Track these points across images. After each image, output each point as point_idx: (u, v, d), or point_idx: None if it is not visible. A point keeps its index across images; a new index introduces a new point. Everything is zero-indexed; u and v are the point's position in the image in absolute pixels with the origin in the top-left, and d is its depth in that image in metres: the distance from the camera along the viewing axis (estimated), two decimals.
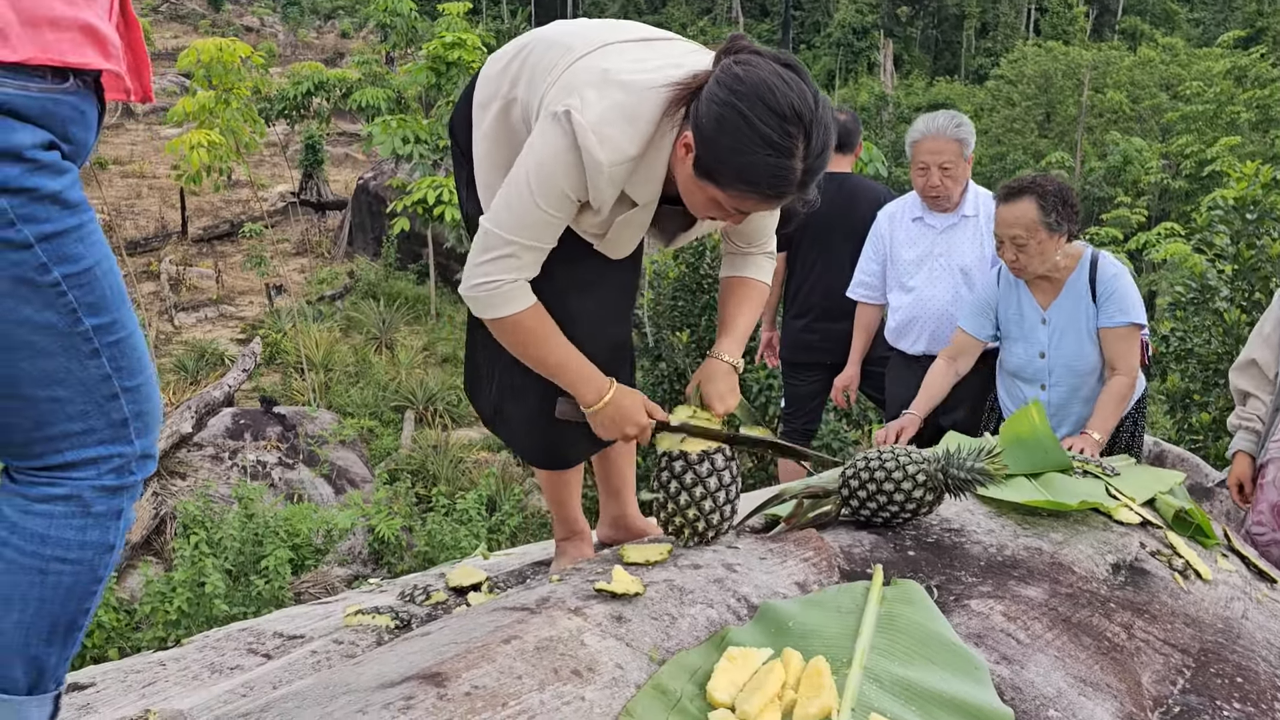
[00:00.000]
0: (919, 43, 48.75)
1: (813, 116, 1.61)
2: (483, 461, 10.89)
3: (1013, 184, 3.05)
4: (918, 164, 3.62)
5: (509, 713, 1.24)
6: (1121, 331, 3.04)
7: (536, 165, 1.73)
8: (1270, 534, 2.77)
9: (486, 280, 1.78)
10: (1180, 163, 24.14)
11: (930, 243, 3.70)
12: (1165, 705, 1.65)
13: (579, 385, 1.88)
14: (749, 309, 2.06)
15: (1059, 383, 3.15)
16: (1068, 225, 3.00)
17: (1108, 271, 3.06)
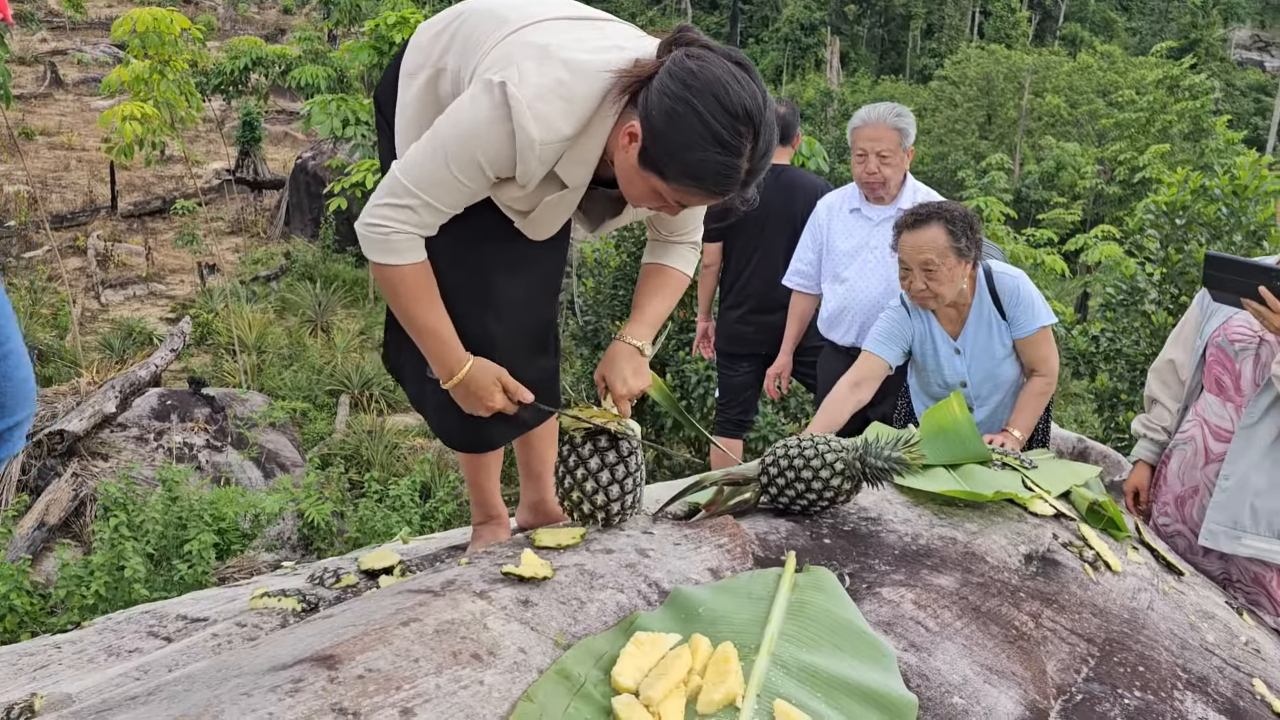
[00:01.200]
0: (865, 41, 49.22)
1: (762, 118, 1.61)
2: (418, 448, 10.76)
3: (919, 210, 3.01)
4: (857, 150, 3.64)
5: (402, 696, 1.21)
6: (1036, 337, 3.08)
7: (456, 130, 1.68)
8: (1174, 524, 2.83)
9: (379, 223, 1.75)
10: (1114, 168, 24.73)
11: (866, 234, 3.71)
12: (1068, 693, 1.67)
13: (438, 356, 1.88)
14: (663, 296, 2.04)
15: (984, 401, 3.20)
16: (974, 252, 3.00)
17: (1006, 284, 3.07)
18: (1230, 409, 2.67)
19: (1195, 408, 2.80)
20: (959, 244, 2.94)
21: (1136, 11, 50.14)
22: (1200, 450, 2.72)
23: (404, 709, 1.20)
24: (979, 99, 31.98)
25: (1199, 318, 2.84)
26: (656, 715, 1.31)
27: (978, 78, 32.21)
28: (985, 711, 1.53)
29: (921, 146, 29.57)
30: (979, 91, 32.04)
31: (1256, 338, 2.60)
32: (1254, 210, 6.81)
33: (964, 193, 22.00)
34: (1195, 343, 2.83)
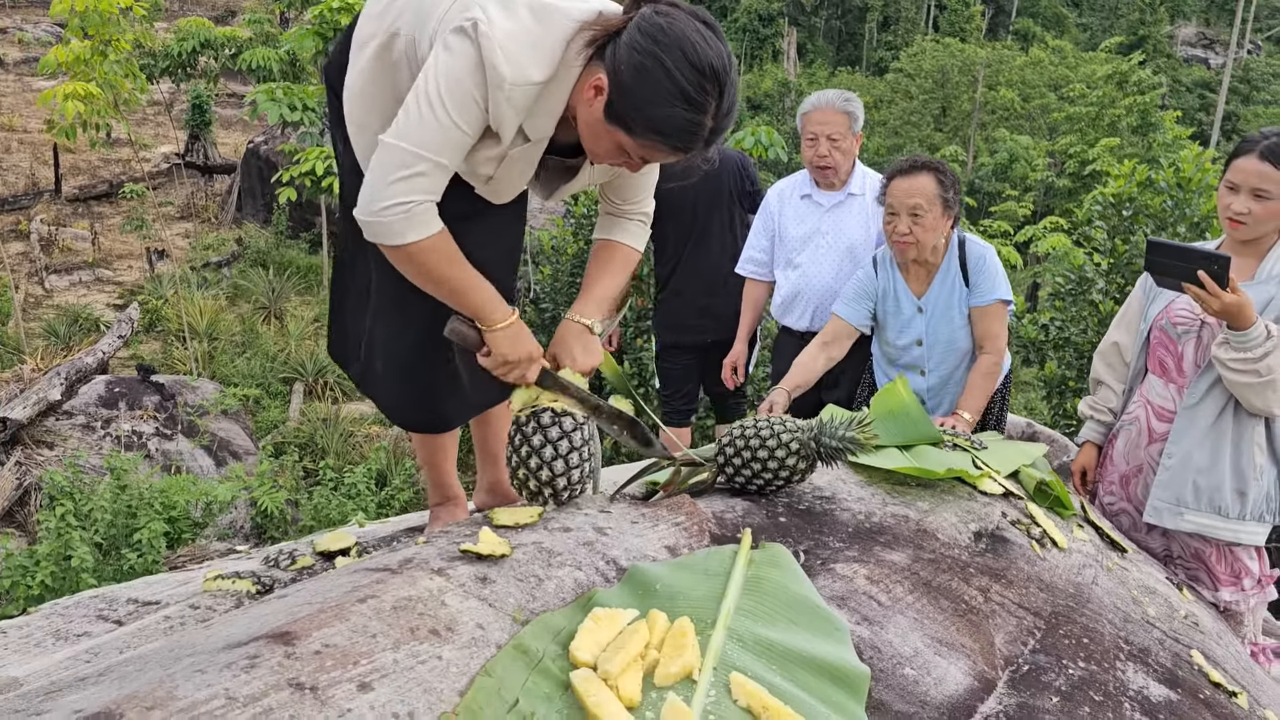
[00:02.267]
0: (823, 33, 49.47)
1: (727, 76, 1.62)
2: (374, 436, 10.67)
3: (913, 159, 3.13)
4: (807, 135, 3.67)
5: (360, 671, 1.21)
6: (991, 309, 3.13)
7: (446, 75, 1.64)
8: (1119, 503, 2.91)
9: (399, 202, 1.67)
10: (1065, 161, 25.13)
11: (818, 220, 3.75)
12: (1016, 664, 1.71)
13: (487, 306, 1.81)
14: (612, 273, 2.04)
15: (937, 368, 3.24)
16: (956, 208, 3.10)
17: (975, 251, 3.16)
18: (1173, 390, 2.75)
19: (1139, 389, 2.87)
20: (946, 194, 3.06)
21: (1087, 7, 50.95)
22: (1144, 430, 2.79)
23: (361, 683, 1.20)
24: (934, 92, 32.31)
25: (1142, 301, 2.91)
26: (614, 688, 1.32)
27: (933, 70, 32.54)
28: (936, 682, 1.56)
29: (877, 138, 29.84)
30: (934, 84, 32.37)
31: (1198, 320, 2.67)
32: (1197, 203, 6.98)
33: None
34: (1139, 326, 2.90)
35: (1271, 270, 2.61)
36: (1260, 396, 2.51)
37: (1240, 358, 2.47)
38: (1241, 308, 2.42)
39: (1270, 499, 2.65)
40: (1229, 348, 2.50)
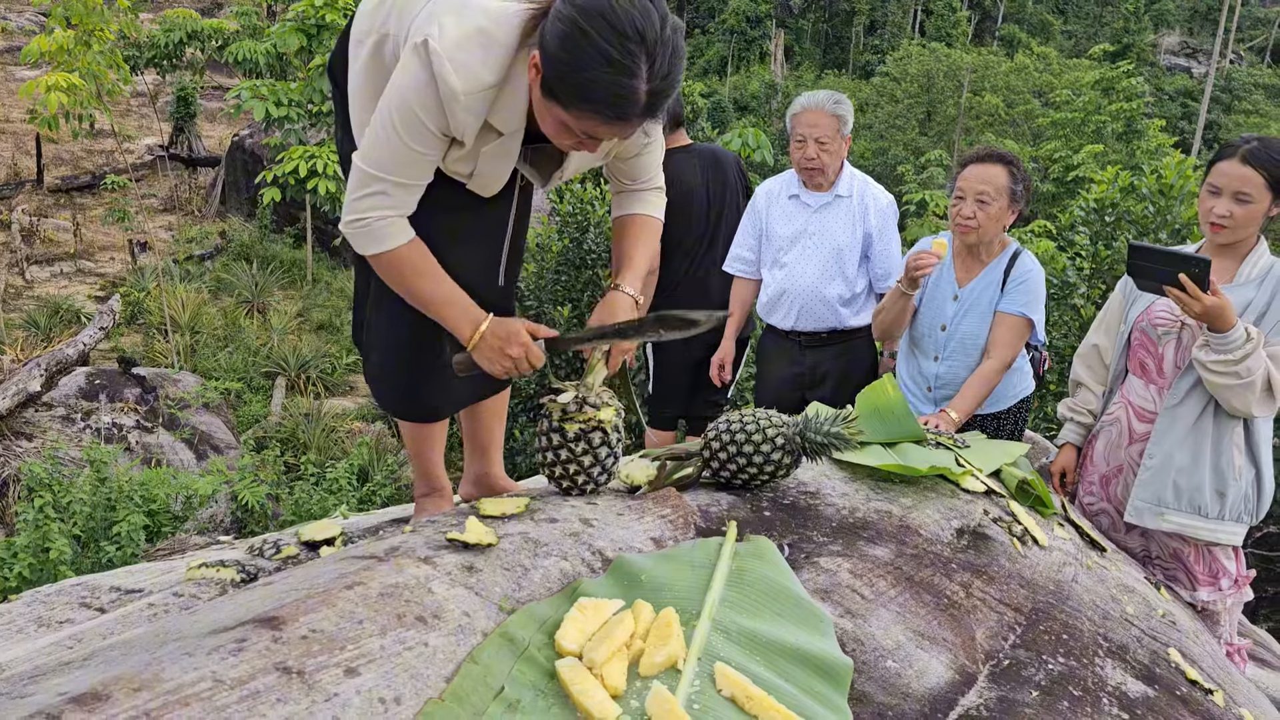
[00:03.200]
0: (810, 35, 49.61)
1: (657, 37, 1.59)
2: (356, 431, 10.64)
3: (989, 149, 3.18)
4: (795, 137, 3.67)
5: (347, 656, 1.21)
6: (1013, 320, 3.13)
7: (399, 101, 1.71)
8: (1099, 503, 2.94)
9: (358, 218, 1.78)
10: (1049, 167, 25.29)
11: (805, 220, 3.76)
12: (996, 658, 1.73)
13: (456, 320, 1.87)
14: (645, 243, 2.07)
15: (951, 357, 3.24)
16: (1022, 205, 3.13)
17: (1025, 264, 3.17)
18: (1153, 390, 2.78)
19: (1120, 390, 2.90)
20: (1015, 188, 3.09)
21: (1072, 15, 51.30)
22: (1125, 431, 2.83)
23: (348, 668, 1.20)
24: (919, 96, 32.45)
25: (1122, 304, 2.95)
26: (599, 677, 1.33)
27: (918, 75, 32.68)
28: (917, 675, 1.58)
29: (863, 141, 29.94)
30: (919, 88, 32.51)
31: (1178, 322, 2.71)
32: (1179, 209, 7.05)
33: (903, 187, 22.36)
34: (1119, 328, 2.94)
35: (1249, 273, 2.65)
36: (1240, 398, 2.54)
37: (1220, 360, 2.51)
38: (1222, 310, 2.45)
39: (1248, 499, 2.69)
40: (1209, 350, 2.53)
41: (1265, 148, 2.56)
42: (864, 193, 3.72)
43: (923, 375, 3.29)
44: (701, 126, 19.57)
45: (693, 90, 21.02)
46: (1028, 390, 3.35)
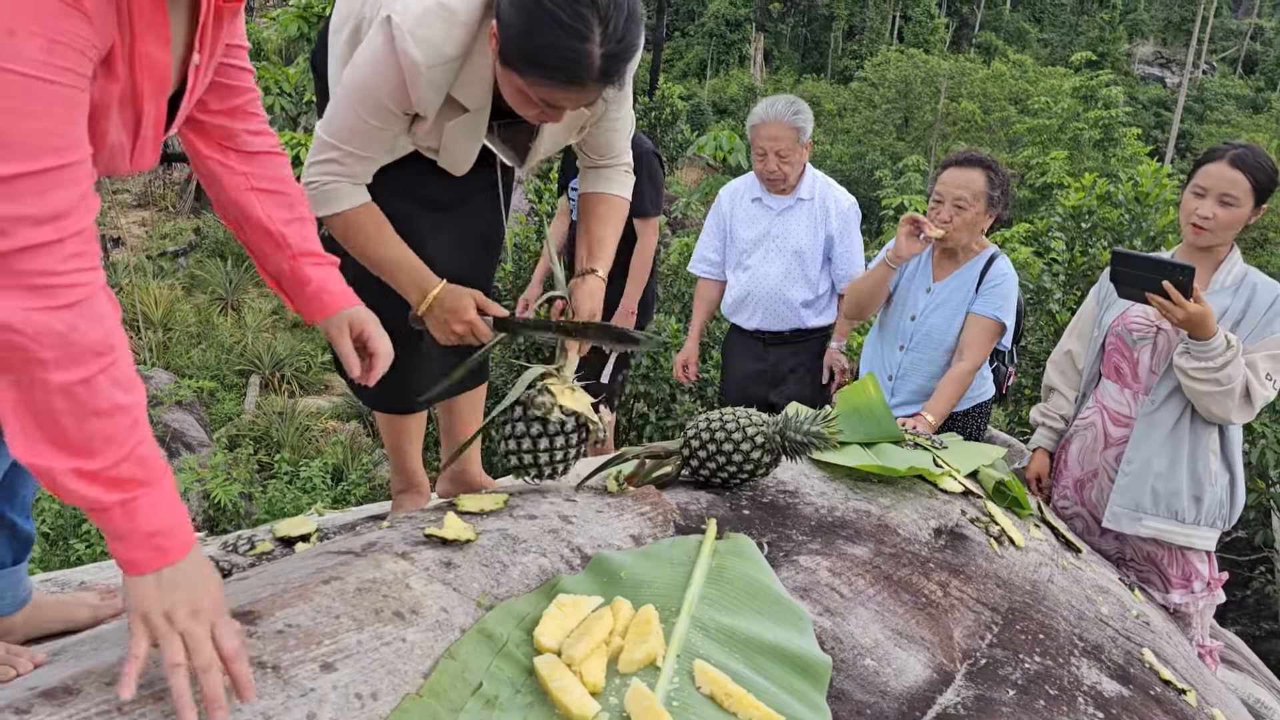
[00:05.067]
0: (789, 40, 49.81)
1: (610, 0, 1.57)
2: (330, 430, 10.57)
3: (969, 154, 3.20)
4: (756, 149, 3.68)
5: (323, 651, 1.20)
6: (986, 323, 3.15)
7: (359, 75, 1.73)
8: (1073, 507, 2.96)
9: (313, 180, 1.81)
10: (1025, 173, 25.51)
11: (768, 223, 3.78)
12: (973, 657, 1.73)
13: (406, 286, 1.87)
14: (613, 225, 2.09)
15: (916, 348, 3.26)
16: (1000, 210, 3.15)
17: (1000, 268, 3.19)
18: (1128, 395, 2.80)
19: (1094, 395, 2.93)
20: (993, 192, 3.11)
21: (1048, 23, 51.77)
22: (1100, 435, 2.85)
23: (325, 663, 1.19)
24: (897, 101, 32.63)
25: (1095, 309, 2.97)
26: (578, 674, 1.32)
27: (896, 80, 32.86)
28: (896, 673, 1.58)
29: (840, 145, 30.08)
30: (897, 94, 32.69)
31: (1154, 327, 2.73)
32: (1154, 217, 7.13)
33: (881, 191, 22.48)
34: (1093, 333, 2.96)
35: (1224, 280, 2.67)
36: (1219, 405, 2.57)
37: (1201, 367, 2.53)
38: (1204, 318, 2.47)
39: (1222, 504, 2.72)
40: (1190, 357, 2.55)
41: (1252, 153, 2.60)
42: (825, 195, 3.74)
43: (885, 363, 3.33)
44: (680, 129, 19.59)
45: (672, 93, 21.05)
46: (987, 395, 3.38)
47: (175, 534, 1.09)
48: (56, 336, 0.98)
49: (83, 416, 1.00)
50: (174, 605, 1.07)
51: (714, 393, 7.58)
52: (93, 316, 1.01)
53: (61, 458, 1.01)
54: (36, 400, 0.99)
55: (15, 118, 0.93)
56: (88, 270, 1.01)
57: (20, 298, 0.95)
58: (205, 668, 1.06)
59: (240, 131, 1.46)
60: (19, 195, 0.94)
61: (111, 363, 1.02)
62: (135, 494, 1.05)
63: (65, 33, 0.95)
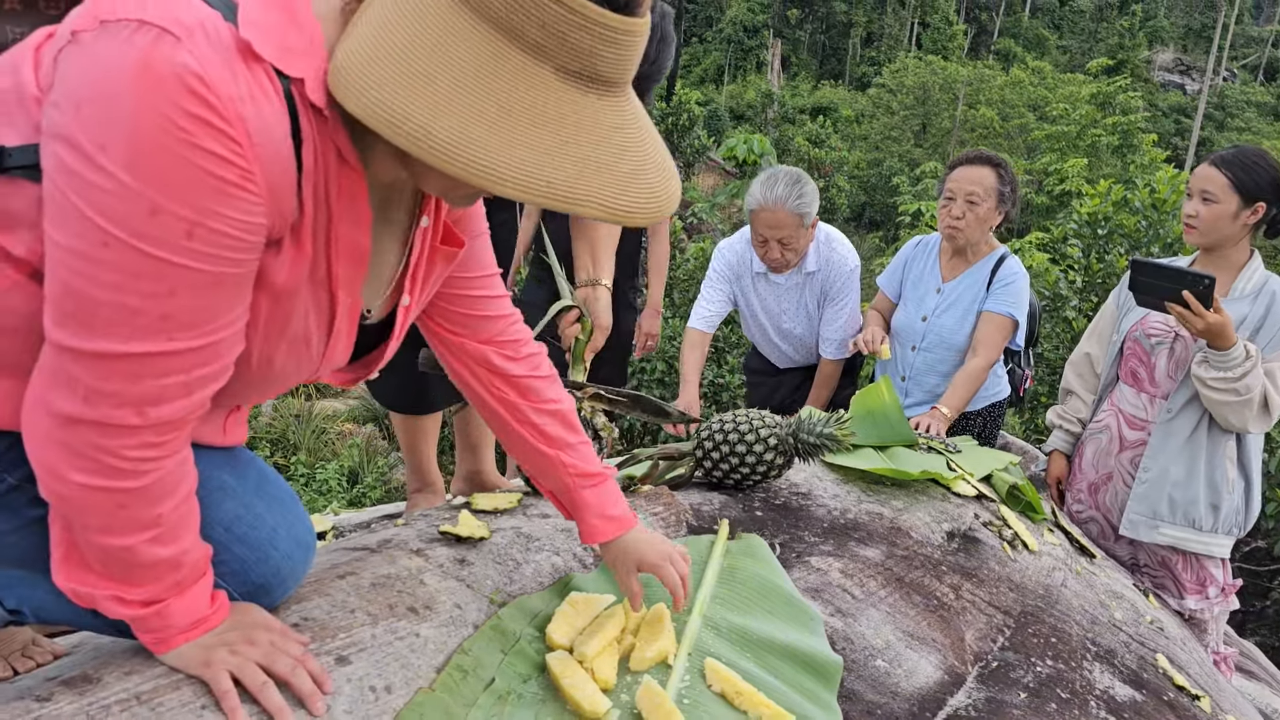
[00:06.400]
0: (807, 46, 49.79)
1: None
2: (346, 433, 10.62)
3: (979, 152, 3.21)
4: (756, 234, 3.34)
5: (338, 644, 1.21)
6: (999, 320, 3.15)
7: None
8: (1088, 511, 2.95)
9: None
10: (1043, 180, 25.41)
11: (778, 296, 3.54)
12: (985, 660, 1.74)
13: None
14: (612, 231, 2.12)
15: (928, 349, 3.27)
16: (1009, 207, 3.16)
17: (1011, 267, 3.20)
18: (1144, 399, 2.79)
19: (1110, 398, 2.92)
20: (1003, 189, 3.12)
21: (1067, 30, 51.58)
22: (1115, 438, 2.84)
23: (339, 656, 1.20)
24: (915, 108, 32.57)
25: (1115, 314, 2.97)
26: (590, 671, 1.33)
27: (914, 87, 32.80)
28: (907, 674, 1.58)
29: (858, 152, 30.03)
30: (915, 100, 32.63)
31: (1171, 333, 2.72)
32: (1171, 224, 7.09)
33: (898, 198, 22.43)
34: (1111, 337, 2.96)
35: (1244, 288, 2.66)
36: (1238, 414, 2.56)
37: (1220, 377, 2.52)
38: (1224, 327, 2.47)
39: (1239, 512, 2.71)
40: (1209, 366, 2.54)
41: (1238, 154, 2.62)
42: (829, 262, 3.44)
43: (897, 364, 3.33)
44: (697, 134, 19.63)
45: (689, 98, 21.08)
46: (1001, 395, 3.38)
47: (213, 618, 1.10)
48: (104, 513, 0.96)
49: (124, 566, 1.01)
50: (228, 643, 1.09)
51: (729, 397, 7.59)
52: (148, 499, 0.98)
53: (103, 586, 1.02)
54: (80, 543, 1.00)
55: (132, 296, 0.87)
56: (161, 459, 0.96)
57: (79, 466, 0.93)
58: (290, 670, 1.09)
59: (497, 359, 1.39)
60: (110, 373, 0.90)
61: (156, 535, 1.00)
62: (170, 601, 1.06)
63: (217, 215, 0.88)
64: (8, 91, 0.93)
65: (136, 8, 0.84)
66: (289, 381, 1.13)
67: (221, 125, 0.85)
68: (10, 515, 1.05)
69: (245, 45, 0.88)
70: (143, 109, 0.82)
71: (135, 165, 0.83)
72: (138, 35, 0.83)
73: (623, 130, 0.92)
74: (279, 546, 1.19)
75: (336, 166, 0.99)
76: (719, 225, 15.91)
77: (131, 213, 0.84)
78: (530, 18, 0.85)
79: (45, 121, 0.86)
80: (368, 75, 0.87)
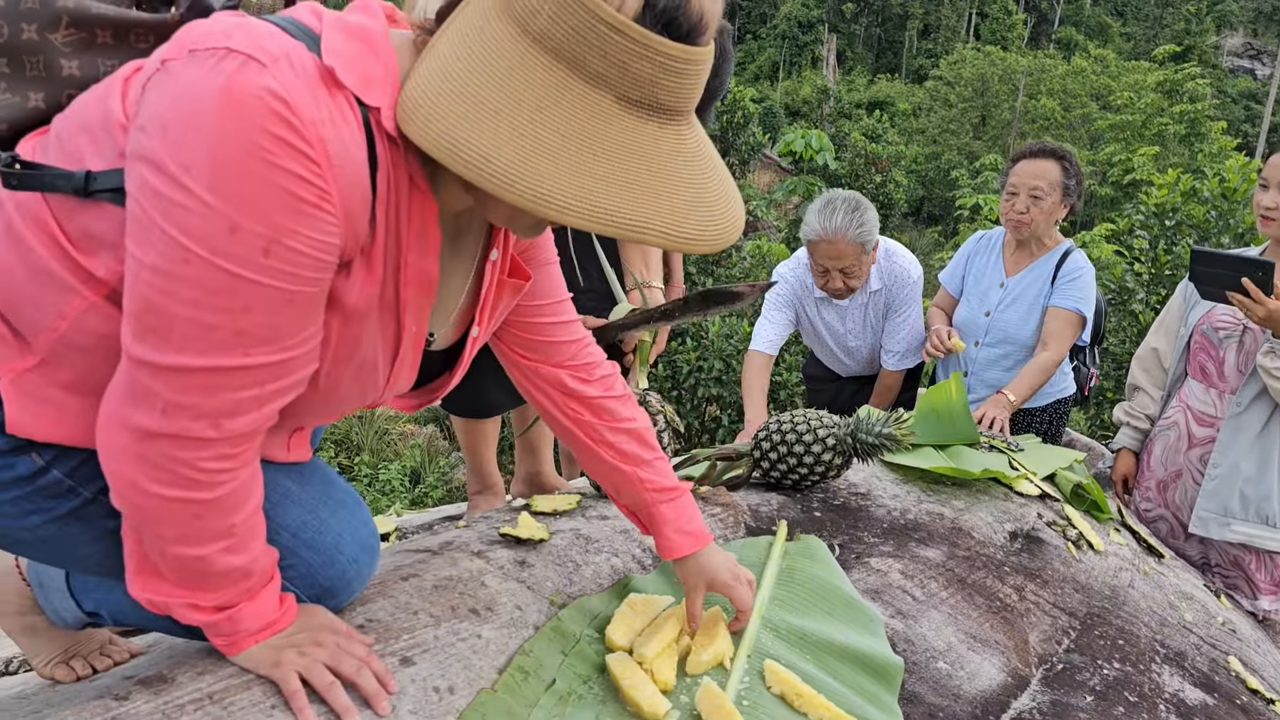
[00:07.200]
0: (862, 40, 49.31)
1: None
2: (408, 434, 10.78)
3: (1042, 145, 3.17)
4: (816, 265, 3.19)
5: (402, 645, 1.24)
6: (1067, 315, 3.09)
7: None
8: (1156, 509, 2.88)
9: None
10: (1107, 171, 24.85)
11: (841, 317, 3.46)
12: (1049, 662, 1.71)
13: None
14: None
15: (992, 344, 3.23)
16: (1074, 199, 3.11)
17: (1076, 261, 3.14)
18: (1213, 394, 2.72)
19: (1179, 394, 2.85)
20: (1068, 182, 3.08)
21: (1131, 17, 50.35)
22: (1184, 435, 2.77)
23: (403, 658, 1.22)
24: (974, 100, 32.09)
25: (1182, 307, 2.90)
26: (649, 672, 1.34)
27: (973, 79, 32.32)
28: (969, 676, 1.57)
29: (915, 146, 29.67)
30: (974, 92, 32.15)
31: (1240, 326, 2.65)
32: (1242, 213, 6.89)
33: (957, 191, 22.11)
34: (1179, 331, 2.89)
35: None
36: None
37: None
38: None
39: None
40: (1275, 356, 2.48)
41: None
42: (892, 273, 3.32)
43: (960, 359, 3.29)
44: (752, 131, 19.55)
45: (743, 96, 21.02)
46: (1067, 392, 3.31)
47: (281, 621, 1.13)
48: (180, 524, 0.99)
49: (198, 575, 1.04)
50: (296, 645, 1.12)
51: (785, 395, 7.55)
52: (223, 510, 1.00)
53: (177, 594, 1.05)
54: (153, 553, 1.03)
55: (209, 312, 0.90)
56: (235, 470, 0.99)
57: (157, 478, 0.96)
58: (355, 671, 1.12)
59: (571, 381, 1.39)
60: (187, 386, 0.92)
61: (229, 545, 1.03)
62: (242, 606, 1.09)
63: (295, 234, 0.89)
64: (96, 120, 0.97)
65: (224, 38, 0.88)
66: (352, 405, 1.15)
67: (303, 146, 0.87)
68: (87, 526, 1.10)
69: (328, 73, 0.90)
70: (227, 130, 0.84)
71: (218, 185, 0.85)
72: (225, 62, 0.86)
73: (684, 158, 0.93)
74: (344, 551, 1.22)
75: (408, 194, 1.01)
76: (775, 223, 15.84)
77: (212, 231, 0.87)
78: (592, 48, 0.86)
79: (131, 144, 0.89)
80: (432, 107, 0.88)
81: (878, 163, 19.97)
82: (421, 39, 0.97)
